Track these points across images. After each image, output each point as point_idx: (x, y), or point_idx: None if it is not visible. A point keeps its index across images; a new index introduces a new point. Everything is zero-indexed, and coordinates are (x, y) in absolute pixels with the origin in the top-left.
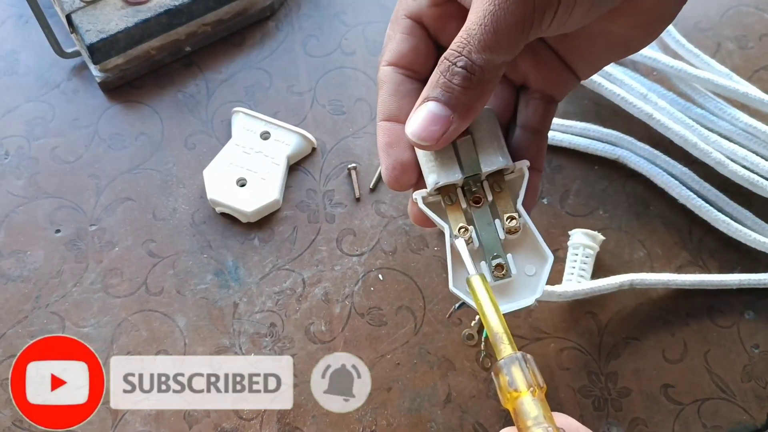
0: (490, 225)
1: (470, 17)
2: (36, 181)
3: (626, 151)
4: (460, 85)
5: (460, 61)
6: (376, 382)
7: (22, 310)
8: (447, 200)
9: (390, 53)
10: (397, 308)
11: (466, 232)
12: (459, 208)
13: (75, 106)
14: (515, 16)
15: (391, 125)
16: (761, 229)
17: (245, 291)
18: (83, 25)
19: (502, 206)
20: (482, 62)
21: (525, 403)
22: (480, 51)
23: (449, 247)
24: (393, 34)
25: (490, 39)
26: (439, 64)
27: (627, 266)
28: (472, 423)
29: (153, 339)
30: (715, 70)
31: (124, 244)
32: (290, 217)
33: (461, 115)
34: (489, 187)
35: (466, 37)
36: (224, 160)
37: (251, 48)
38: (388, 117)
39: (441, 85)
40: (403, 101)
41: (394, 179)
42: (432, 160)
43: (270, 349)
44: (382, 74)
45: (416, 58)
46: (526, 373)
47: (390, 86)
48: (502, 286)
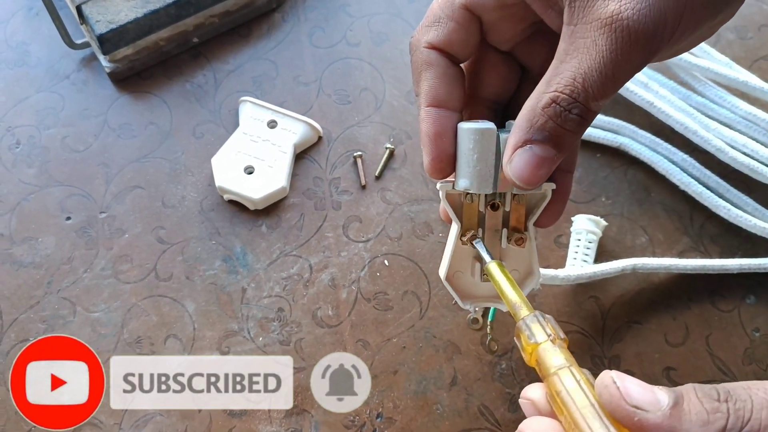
0: (497, 232)
1: (580, 59)
2: (47, 170)
3: (628, 138)
4: (572, 130)
5: (575, 108)
6: (382, 365)
7: (34, 296)
8: (468, 199)
9: (438, 38)
10: (402, 293)
11: (466, 236)
12: (476, 209)
13: (85, 96)
14: (637, 64)
15: (441, 113)
16: (761, 215)
17: (253, 277)
18: (93, 16)
19: (515, 218)
20: (597, 108)
21: (546, 351)
22: (598, 99)
23: (453, 242)
24: (444, 18)
25: (609, 87)
26: (546, 106)
27: (629, 252)
28: (477, 405)
29: (162, 324)
30: (715, 60)
31: (134, 231)
32: (297, 205)
33: (564, 153)
34: (510, 198)
35: (582, 83)
36: (232, 148)
37: (258, 39)
38: (438, 103)
39: (549, 130)
40: (451, 87)
41: (438, 171)
42: (471, 166)
43: (278, 333)
44: (427, 56)
45: (463, 49)
46: (544, 327)
47: (438, 70)
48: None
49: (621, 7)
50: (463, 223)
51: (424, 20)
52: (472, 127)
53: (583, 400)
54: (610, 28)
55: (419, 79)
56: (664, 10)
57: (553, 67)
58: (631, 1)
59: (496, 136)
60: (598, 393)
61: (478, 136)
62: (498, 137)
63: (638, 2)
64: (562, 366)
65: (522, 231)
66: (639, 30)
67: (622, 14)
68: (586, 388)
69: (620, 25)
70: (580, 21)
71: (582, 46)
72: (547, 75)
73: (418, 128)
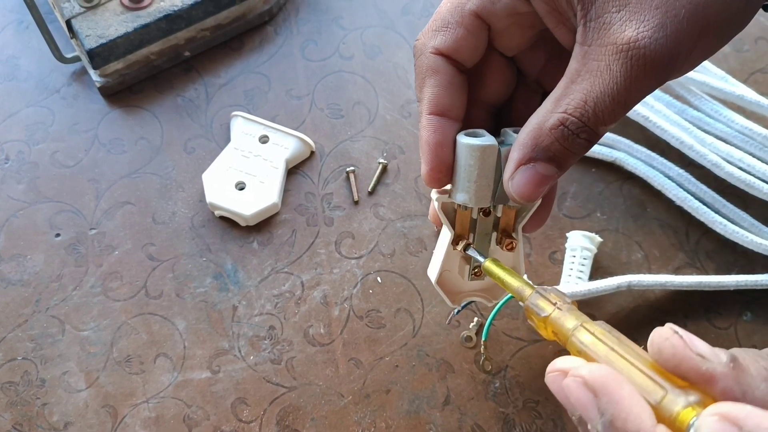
0: (487, 235)
1: (592, 81)
2: (36, 186)
3: (623, 153)
4: (577, 152)
5: (584, 132)
6: (374, 384)
7: (23, 314)
8: (462, 207)
9: (446, 44)
10: (395, 311)
11: (459, 245)
12: (468, 216)
13: (75, 110)
14: (647, 91)
15: (443, 122)
16: (758, 231)
17: (244, 294)
18: (83, 31)
19: (504, 222)
20: (604, 132)
21: (557, 319)
22: (606, 123)
23: (445, 248)
24: (453, 23)
25: (619, 113)
26: (554, 127)
27: (624, 268)
28: (470, 425)
29: (153, 342)
30: (711, 73)
31: (124, 248)
32: (289, 221)
33: (564, 171)
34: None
35: (594, 108)
36: (223, 163)
37: (250, 52)
38: (440, 111)
39: (555, 151)
40: (455, 96)
41: (436, 181)
42: (472, 182)
43: (269, 351)
44: (433, 62)
45: (471, 56)
46: (548, 298)
47: (443, 78)
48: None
49: (639, 35)
50: (456, 230)
51: (431, 24)
52: (474, 143)
53: (603, 349)
54: (626, 55)
55: (423, 85)
56: (680, 41)
57: (563, 85)
58: (648, 30)
59: (498, 151)
60: (658, 348)
61: (480, 153)
62: (499, 152)
63: (655, 31)
64: (575, 326)
65: (511, 235)
66: (655, 59)
67: (639, 42)
68: (603, 338)
69: (637, 53)
70: (595, 42)
71: (595, 69)
72: (556, 93)
73: (411, 143)
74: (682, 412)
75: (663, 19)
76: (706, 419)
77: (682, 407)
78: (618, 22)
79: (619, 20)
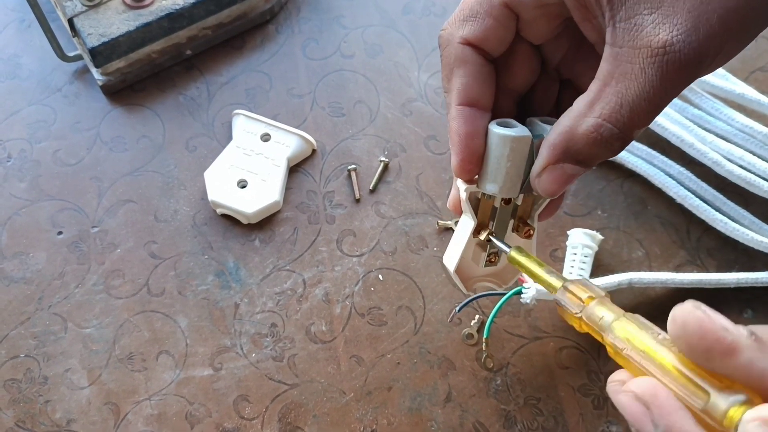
0: (505, 223)
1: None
2: (38, 184)
3: (624, 151)
4: (608, 156)
5: (618, 140)
6: (376, 382)
7: (25, 312)
8: (486, 197)
9: (475, 33)
10: (397, 308)
11: (482, 234)
12: (491, 205)
13: (77, 109)
14: (679, 92)
15: (473, 112)
16: (758, 229)
17: (246, 292)
18: (85, 29)
19: (522, 209)
20: (637, 135)
21: (592, 314)
22: (641, 127)
23: (467, 236)
24: (482, 13)
25: (653, 116)
26: (589, 133)
27: (625, 265)
28: (472, 422)
29: (155, 340)
30: None
31: (126, 246)
32: (291, 218)
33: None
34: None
35: (629, 112)
36: (225, 161)
37: (252, 51)
38: (470, 102)
39: (586, 154)
40: (485, 86)
41: (467, 172)
42: (503, 173)
43: (271, 349)
44: (461, 53)
45: (499, 45)
46: (577, 294)
47: (473, 68)
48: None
49: (673, 39)
50: (478, 219)
51: (458, 13)
52: (509, 133)
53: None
54: (662, 59)
55: (451, 75)
56: (710, 42)
57: (596, 88)
58: (681, 33)
59: (531, 142)
60: (682, 322)
61: (515, 144)
62: (532, 143)
63: (689, 34)
64: (608, 321)
65: (528, 223)
66: (689, 62)
67: (674, 46)
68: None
69: (672, 57)
70: (626, 44)
71: (629, 72)
72: (589, 96)
73: (412, 141)
74: (729, 411)
75: (696, 23)
76: (748, 425)
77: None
78: (651, 24)
79: (652, 22)
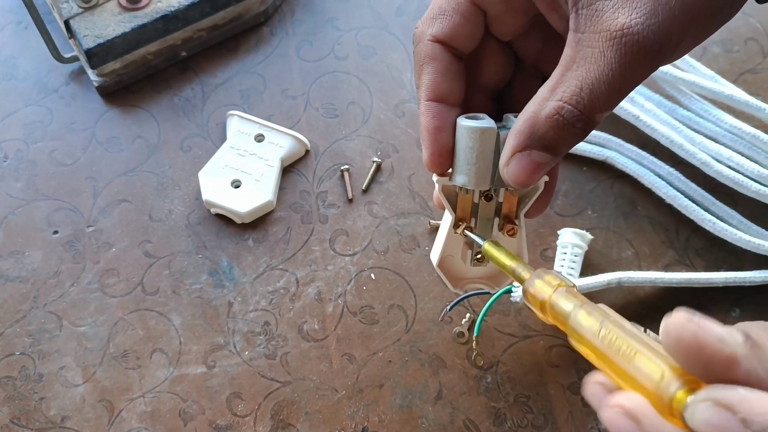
0: (489, 221)
1: (587, 68)
2: (34, 184)
3: (614, 152)
4: (573, 140)
5: (579, 121)
6: (368, 380)
7: (20, 310)
8: (463, 191)
9: (443, 31)
10: (388, 307)
11: (459, 228)
12: (470, 200)
13: (73, 110)
14: (641, 77)
15: (441, 107)
16: (747, 228)
17: (239, 290)
18: (81, 31)
19: (506, 208)
20: (600, 119)
21: (557, 301)
22: (602, 110)
23: (447, 230)
24: (450, 10)
25: (615, 99)
26: (550, 116)
27: (615, 265)
28: (462, 419)
29: (149, 338)
30: (701, 73)
31: (121, 245)
32: (284, 218)
33: (560, 158)
34: (504, 190)
35: (589, 95)
36: (219, 162)
37: (246, 53)
38: (438, 98)
39: (551, 139)
40: (453, 82)
41: (438, 165)
42: (471, 164)
43: (264, 347)
44: (430, 50)
45: (468, 42)
46: (547, 280)
47: (441, 65)
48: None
49: (631, 21)
50: (457, 213)
51: (429, 12)
52: (473, 125)
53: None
54: (620, 41)
55: (421, 72)
56: (671, 27)
57: (558, 73)
58: (640, 16)
59: (497, 134)
60: (676, 336)
61: (479, 135)
62: (498, 135)
63: (647, 17)
64: (574, 308)
65: (513, 221)
66: (648, 45)
67: (632, 28)
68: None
69: (630, 39)
70: (588, 29)
71: (590, 56)
72: (551, 81)
73: (405, 142)
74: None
75: (654, 6)
76: (700, 405)
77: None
78: (610, 9)
79: (612, 7)
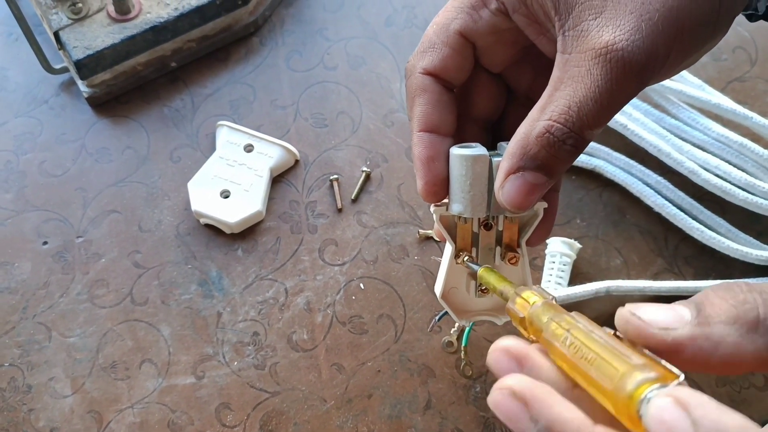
0: (490, 250)
1: (575, 87)
2: (24, 195)
3: (602, 161)
4: (565, 159)
5: (570, 139)
6: (357, 389)
7: (9, 321)
8: (461, 221)
9: (433, 63)
10: (377, 317)
11: (460, 257)
12: (469, 230)
13: (63, 121)
14: (630, 93)
15: (433, 138)
16: (735, 237)
17: (229, 301)
18: (71, 42)
19: (507, 237)
20: (591, 137)
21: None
22: (592, 127)
23: (448, 261)
24: (439, 43)
25: (604, 116)
26: (540, 135)
27: (604, 274)
28: (451, 429)
29: (138, 348)
30: (689, 82)
31: (110, 256)
32: (273, 228)
33: (555, 179)
34: (503, 218)
35: (577, 112)
36: (208, 172)
37: (236, 63)
38: (430, 128)
39: (542, 159)
40: (444, 113)
41: (432, 194)
42: (465, 192)
43: (253, 357)
44: (421, 82)
45: (458, 74)
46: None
47: (432, 96)
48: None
49: (615, 38)
50: (457, 244)
51: (420, 46)
52: (465, 153)
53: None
54: (605, 58)
55: (413, 104)
56: (656, 43)
57: (547, 94)
58: (625, 33)
59: (489, 161)
60: (621, 330)
61: (471, 163)
62: (491, 162)
63: (632, 33)
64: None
65: (515, 249)
66: (633, 61)
67: (616, 45)
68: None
69: (615, 55)
70: (575, 50)
71: (577, 75)
72: (541, 102)
73: (394, 152)
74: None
75: (638, 23)
76: (661, 398)
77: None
78: (595, 28)
79: (596, 27)
